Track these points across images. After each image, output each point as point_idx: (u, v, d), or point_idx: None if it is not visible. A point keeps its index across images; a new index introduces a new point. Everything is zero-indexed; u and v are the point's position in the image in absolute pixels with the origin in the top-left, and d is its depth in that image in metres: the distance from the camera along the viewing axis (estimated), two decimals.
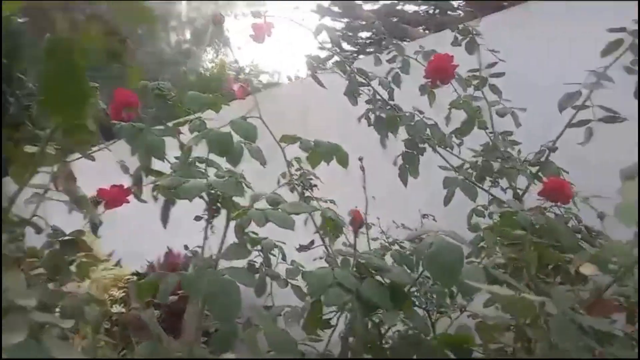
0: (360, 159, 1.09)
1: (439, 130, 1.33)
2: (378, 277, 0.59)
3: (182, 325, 1.62)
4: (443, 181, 1.32)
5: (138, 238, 3.42)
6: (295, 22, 1.24)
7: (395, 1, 7.99)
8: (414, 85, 1.51)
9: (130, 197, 1.05)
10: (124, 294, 2.70)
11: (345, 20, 7.17)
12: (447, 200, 1.39)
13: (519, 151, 1.42)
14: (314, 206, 0.63)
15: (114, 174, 1.13)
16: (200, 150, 1.09)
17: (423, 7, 8.61)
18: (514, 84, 1.53)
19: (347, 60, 1.31)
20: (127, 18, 0.58)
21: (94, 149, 1.07)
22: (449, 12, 7.91)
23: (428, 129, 1.31)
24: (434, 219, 1.86)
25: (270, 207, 0.61)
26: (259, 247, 1.13)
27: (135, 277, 2.99)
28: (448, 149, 1.42)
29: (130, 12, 0.55)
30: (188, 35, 21.59)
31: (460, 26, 1.52)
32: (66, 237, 0.90)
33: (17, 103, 5.04)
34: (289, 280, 1.10)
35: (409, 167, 1.37)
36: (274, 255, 1.14)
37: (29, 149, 0.89)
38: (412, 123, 1.32)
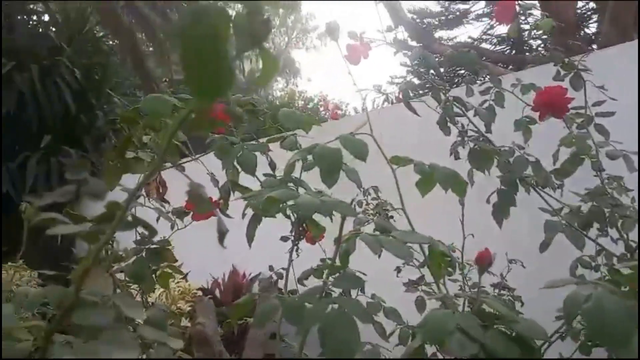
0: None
1: (542, 169, 1.21)
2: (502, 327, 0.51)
3: (245, 345, 1.56)
4: (544, 225, 1.20)
5: (204, 253, 3.46)
6: (388, 43, 1.19)
7: (470, 40, 7.89)
8: (501, 121, 1.42)
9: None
10: (189, 307, 2.71)
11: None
12: (544, 247, 1.26)
13: (633, 199, 1.26)
14: (427, 237, 0.55)
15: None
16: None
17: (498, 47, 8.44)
18: (626, 124, 1.39)
19: (442, 88, 1.24)
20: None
21: (184, 160, 1.06)
22: (527, 53, 7.69)
23: (530, 167, 1.20)
24: (522, 265, 1.71)
25: (379, 233, 0.55)
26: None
27: (201, 292, 3.02)
28: (546, 190, 1.30)
29: None
30: (261, 65, 22.52)
31: (566, 60, 1.41)
32: (153, 246, 0.88)
33: (104, 117, 5.37)
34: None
35: (503, 206, 1.25)
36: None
37: (128, 154, 0.89)
38: (511, 159, 1.21)
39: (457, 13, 8.19)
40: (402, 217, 1.83)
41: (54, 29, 5.87)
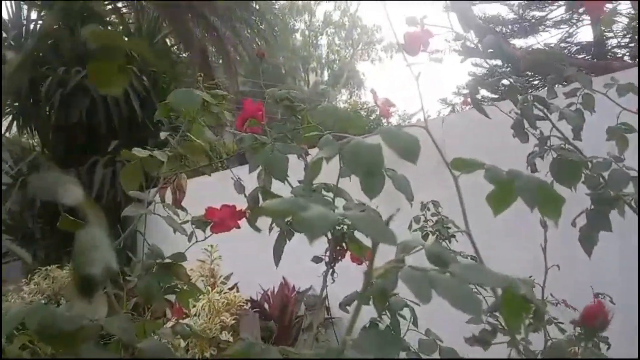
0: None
1: None
2: None
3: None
4: None
5: (257, 262, 3.37)
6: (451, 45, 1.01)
7: (553, 45, 7.35)
8: (589, 130, 1.18)
9: (243, 222, 0.89)
10: (234, 321, 2.60)
11: (493, 62, 6.78)
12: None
13: None
14: (502, 276, 0.37)
15: (235, 198, 0.99)
16: (330, 175, 0.89)
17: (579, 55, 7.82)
18: None
19: (520, 86, 1.03)
20: None
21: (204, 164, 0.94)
22: (609, 59, 7.04)
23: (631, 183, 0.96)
24: (611, 301, 1.43)
25: (432, 266, 0.37)
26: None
27: (247, 305, 2.91)
28: None
29: None
30: (326, 77, 22.70)
31: None
32: (164, 261, 0.75)
33: (168, 122, 5.49)
34: (420, 355, 0.83)
35: (594, 230, 1.02)
36: (404, 318, 0.87)
37: (138, 152, 0.78)
38: (606, 173, 0.98)
39: (533, 20, 7.69)
40: (464, 237, 1.61)
41: (126, 39, 6.13)
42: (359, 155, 0.44)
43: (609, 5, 1.19)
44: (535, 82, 7.07)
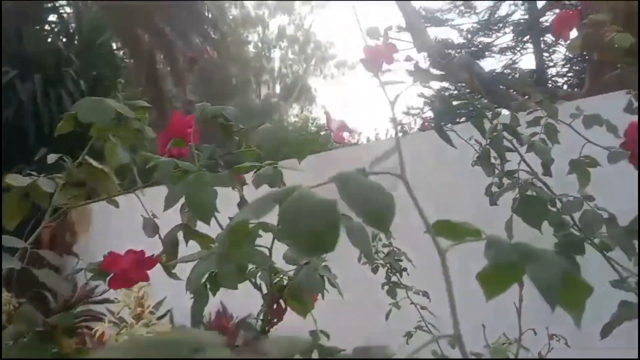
0: None
1: (620, 230, 0.88)
2: None
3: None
4: (620, 307, 0.86)
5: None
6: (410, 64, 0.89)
7: (501, 71, 7.61)
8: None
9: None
10: None
11: (444, 84, 6.92)
12: (606, 332, 0.92)
13: None
14: None
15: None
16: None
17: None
18: None
19: (490, 112, 0.92)
20: None
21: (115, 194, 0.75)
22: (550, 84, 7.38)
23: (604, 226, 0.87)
24: (566, 343, 1.35)
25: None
26: None
27: None
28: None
29: None
30: (278, 90, 22.60)
31: None
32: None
33: None
34: None
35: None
36: None
37: (15, 180, 0.59)
38: (579, 212, 0.89)
39: (480, 46, 7.96)
40: (418, 271, 1.49)
41: (64, 40, 5.73)
42: (303, 217, 0.29)
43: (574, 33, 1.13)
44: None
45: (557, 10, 7.12)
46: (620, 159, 0.89)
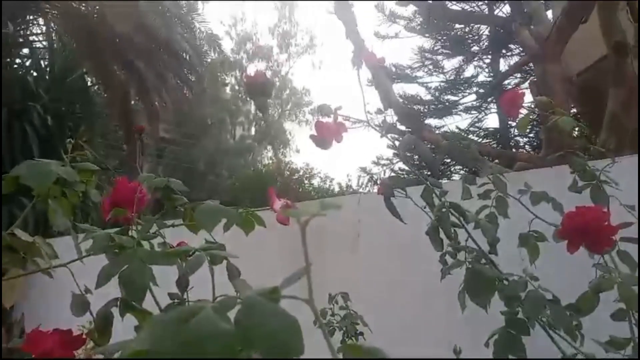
0: (457, 352, 0.69)
1: (564, 312, 0.90)
2: None
3: None
4: None
5: None
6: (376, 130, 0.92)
7: (457, 131, 7.91)
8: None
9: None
10: None
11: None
12: None
13: None
14: None
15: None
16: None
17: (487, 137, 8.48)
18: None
19: (437, 189, 0.95)
20: None
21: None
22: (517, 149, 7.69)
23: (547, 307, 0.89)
24: None
25: None
26: None
27: None
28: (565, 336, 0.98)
29: None
30: (253, 132, 22.74)
31: (588, 166, 1.15)
32: None
33: None
34: None
35: (505, 353, 0.92)
36: None
37: None
38: (525, 293, 0.90)
39: (447, 103, 8.29)
40: (374, 334, 1.46)
41: (34, 74, 5.67)
42: (202, 343, 0.29)
43: (523, 111, 1.19)
44: (453, 163, 7.49)
45: (518, 75, 7.55)
46: (529, 242, 0.93)
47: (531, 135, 7.45)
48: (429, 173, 1.19)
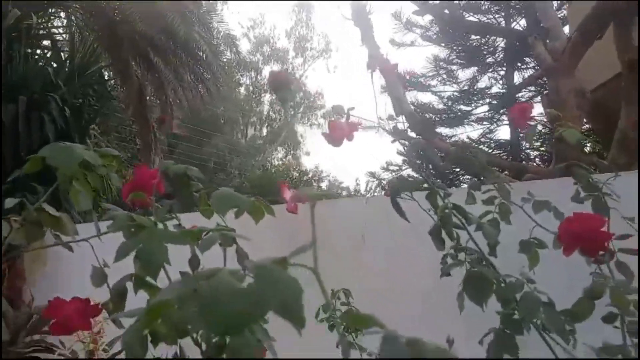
0: (450, 341, 0.72)
1: (557, 314, 0.93)
2: None
3: None
4: None
5: None
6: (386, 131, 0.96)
7: (468, 141, 7.91)
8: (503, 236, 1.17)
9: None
10: None
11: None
12: None
13: None
14: None
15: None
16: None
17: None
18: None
19: (441, 189, 0.99)
20: None
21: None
22: (526, 162, 7.68)
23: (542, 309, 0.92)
24: None
25: None
26: None
27: None
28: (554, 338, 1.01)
29: None
30: (265, 133, 22.89)
31: (591, 178, 1.18)
32: None
33: None
34: None
35: (499, 352, 0.96)
36: None
37: None
38: (520, 294, 0.94)
39: (459, 113, 8.31)
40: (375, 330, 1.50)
41: (55, 65, 5.79)
42: (218, 308, 0.33)
43: (531, 123, 1.22)
44: (461, 172, 7.49)
45: (532, 89, 7.55)
46: (529, 249, 0.96)
47: (542, 148, 7.43)
48: (438, 180, 1.23)
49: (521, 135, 7.72)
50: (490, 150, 8.17)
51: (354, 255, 2.23)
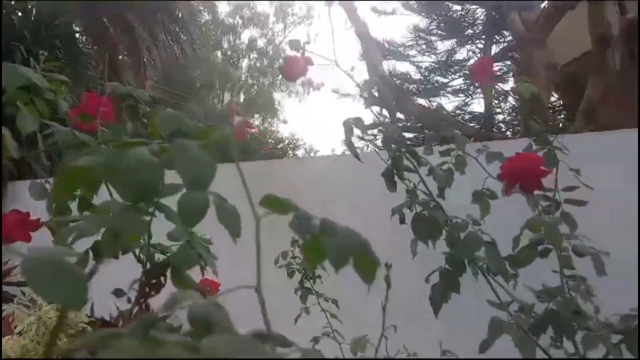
0: (388, 266, 0.75)
1: (498, 252, 0.98)
2: None
3: None
4: (489, 324, 0.95)
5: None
6: (344, 71, 0.96)
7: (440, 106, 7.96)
8: (459, 191, 1.21)
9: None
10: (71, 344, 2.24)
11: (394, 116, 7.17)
12: (485, 347, 1.00)
13: (597, 309, 1.04)
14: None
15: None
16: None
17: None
18: (598, 218, 1.19)
19: (396, 136, 1.01)
20: None
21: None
22: (494, 130, 7.82)
23: (483, 248, 0.96)
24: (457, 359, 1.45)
25: None
26: None
27: (96, 326, 2.54)
28: (497, 279, 1.06)
29: None
30: (242, 99, 22.52)
31: (545, 134, 1.22)
32: None
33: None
34: None
35: (444, 290, 1.00)
36: None
37: None
38: (464, 234, 0.98)
39: (436, 84, 8.34)
40: (331, 277, 1.55)
41: (20, 14, 5.53)
42: (133, 170, 0.34)
43: (501, 84, 1.25)
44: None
45: (509, 63, 7.62)
46: (481, 199, 1.00)
47: (515, 122, 7.57)
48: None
49: (496, 110, 7.83)
50: (463, 122, 8.27)
51: (321, 210, 2.26)
